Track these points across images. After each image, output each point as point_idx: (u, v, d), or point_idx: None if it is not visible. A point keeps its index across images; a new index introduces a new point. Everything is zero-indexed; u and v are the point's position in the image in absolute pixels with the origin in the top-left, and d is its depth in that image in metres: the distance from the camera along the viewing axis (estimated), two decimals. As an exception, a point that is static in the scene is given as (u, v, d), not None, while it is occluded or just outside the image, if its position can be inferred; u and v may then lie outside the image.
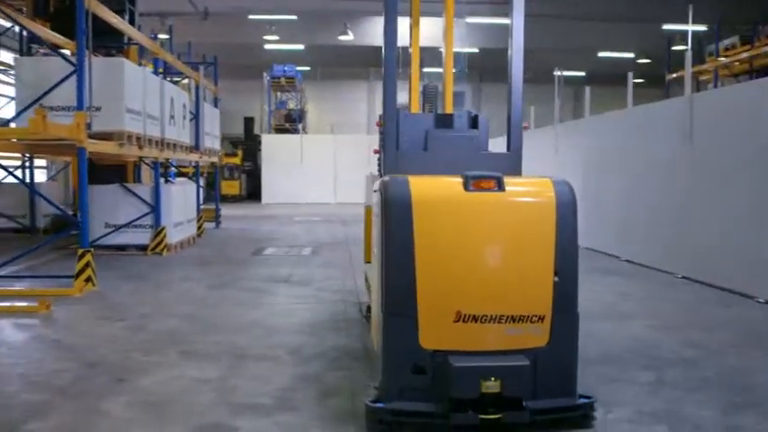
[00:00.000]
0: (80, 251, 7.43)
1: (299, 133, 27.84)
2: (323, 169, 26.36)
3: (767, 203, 6.98)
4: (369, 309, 5.53)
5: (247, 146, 29.41)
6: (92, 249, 7.56)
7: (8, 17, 8.09)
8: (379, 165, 5.15)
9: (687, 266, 8.42)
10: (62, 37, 9.67)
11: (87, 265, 7.39)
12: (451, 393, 3.42)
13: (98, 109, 8.24)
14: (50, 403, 3.96)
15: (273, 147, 26.91)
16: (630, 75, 10.20)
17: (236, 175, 27.72)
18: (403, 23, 4.89)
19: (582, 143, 11.83)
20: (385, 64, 4.46)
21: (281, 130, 29.66)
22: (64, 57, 7.82)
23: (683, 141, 8.50)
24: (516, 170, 4.46)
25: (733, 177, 7.60)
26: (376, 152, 5.24)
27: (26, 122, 7.64)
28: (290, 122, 29.70)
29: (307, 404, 3.95)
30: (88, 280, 7.41)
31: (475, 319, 3.54)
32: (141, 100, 9.42)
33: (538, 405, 3.54)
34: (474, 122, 4.77)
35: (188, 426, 3.61)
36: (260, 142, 28.79)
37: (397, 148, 4.55)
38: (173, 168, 17.00)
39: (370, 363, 4.69)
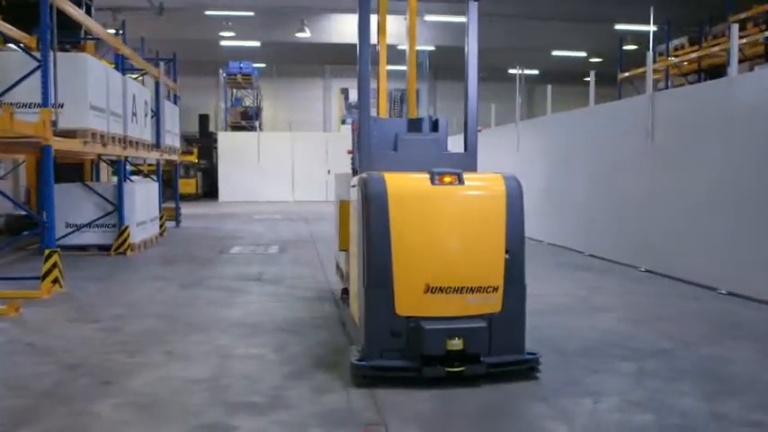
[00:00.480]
0: (47, 252, 7.23)
1: (255, 131, 27.56)
2: (280, 167, 26.17)
3: (726, 199, 7.24)
4: (344, 291, 6.11)
5: (202, 144, 28.99)
6: (58, 250, 7.37)
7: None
8: (353, 164, 5.68)
9: (650, 260, 8.67)
10: (19, 31, 9.35)
11: (54, 265, 7.20)
12: (423, 351, 4.10)
13: (61, 106, 8.03)
14: (37, 408, 3.85)
15: (230, 144, 26.56)
16: (593, 74, 10.43)
17: (192, 173, 27.30)
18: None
19: (544, 141, 12.05)
20: (359, 78, 5.05)
21: (237, 127, 29.31)
22: (28, 52, 7.57)
23: (645, 139, 8.75)
24: (473, 167, 5.09)
25: (692, 174, 7.86)
26: (349, 152, 5.86)
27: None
28: (247, 120, 29.38)
29: (301, 402, 3.94)
30: (55, 281, 7.22)
31: (441, 290, 4.22)
32: (105, 97, 9.20)
33: (493, 360, 4.24)
34: (435, 125, 5.44)
35: (186, 426, 3.57)
36: (215, 140, 28.43)
37: (351, 151, 5.28)
38: (128, 166, 16.64)
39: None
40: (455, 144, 5.46)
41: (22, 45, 10.42)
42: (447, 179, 4.33)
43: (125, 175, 14.45)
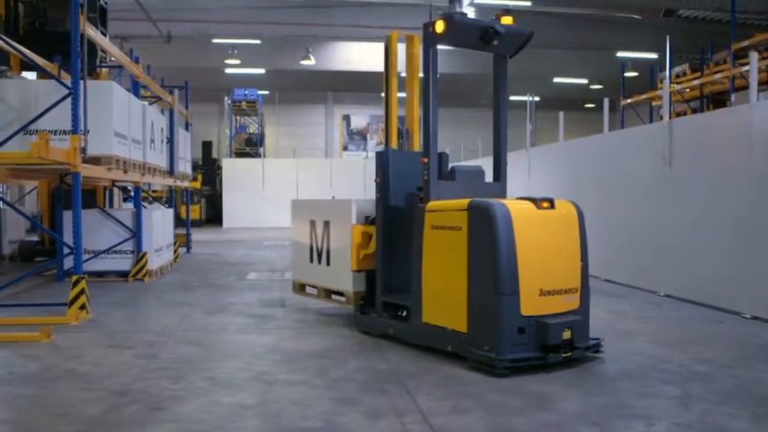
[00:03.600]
0: (74, 278, 7.24)
1: (260, 157, 27.70)
2: (285, 193, 26.17)
3: (748, 223, 7.32)
4: (359, 309, 6.62)
5: (206, 170, 29.11)
6: (86, 276, 7.38)
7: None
8: (380, 192, 6.32)
9: (669, 285, 8.72)
10: (43, 59, 9.46)
11: (82, 292, 7.20)
12: (547, 342, 5.05)
13: (87, 133, 8.10)
14: (93, 434, 3.86)
15: (235, 171, 26.68)
16: (606, 101, 10.58)
17: (196, 199, 27.37)
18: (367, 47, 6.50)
19: (557, 167, 12.16)
20: (427, 116, 5.81)
21: (241, 154, 29.48)
22: (58, 80, 7.66)
23: (663, 165, 8.85)
24: (504, 195, 6.08)
25: (713, 199, 7.94)
26: (377, 181, 6.35)
27: (12, 146, 7.52)
28: (251, 146, 29.55)
29: (356, 427, 3.95)
30: (82, 308, 7.22)
31: (549, 293, 5.21)
32: (127, 124, 9.29)
33: (582, 344, 5.33)
34: (440, 158, 6.30)
35: (248, 452, 3.58)
36: (218, 167, 28.53)
37: (387, 179, 6.15)
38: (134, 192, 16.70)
39: (403, 386, 4.75)
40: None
41: (31, 73, 10.56)
42: (545, 204, 5.35)
43: (135, 201, 14.46)
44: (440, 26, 5.61)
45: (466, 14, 5.88)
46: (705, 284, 8.05)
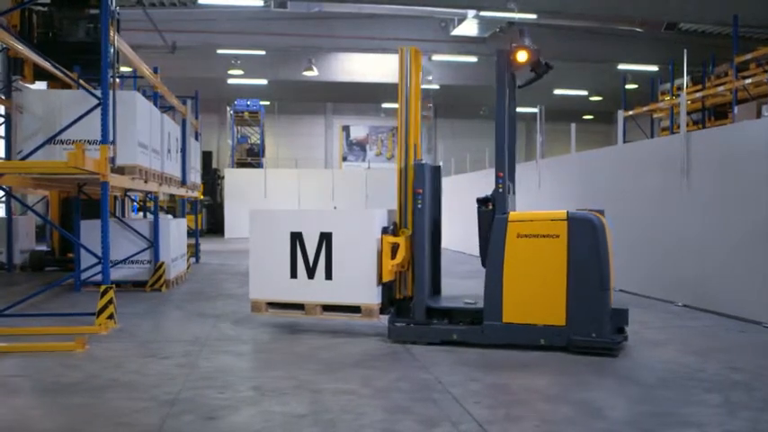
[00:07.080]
0: (102, 288, 7.26)
1: (262, 167, 27.74)
2: (287, 204, 26.23)
3: (765, 233, 7.45)
4: (391, 321, 6.70)
5: (206, 180, 29.09)
6: (113, 286, 7.40)
7: (28, 49, 7.93)
8: (421, 202, 6.51)
9: (687, 295, 8.82)
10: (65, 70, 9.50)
11: (110, 301, 7.22)
12: (625, 326, 6.29)
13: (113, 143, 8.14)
14: (156, 443, 3.89)
15: (237, 181, 26.71)
16: (620, 113, 10.71)
17: (198, 209, 27.36)
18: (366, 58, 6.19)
19: (568, 179, 12.26)
20: (499, 133, 6.39)
21: (242, 164, 29.51)
22: (89, 90, 7.70)
23: (679, 177, 8.96)
24: (515, 207, 6.78)
25: (731, 210, 8.04)
26: (418, 192, 6.53)
27: (37, 156, 7.55)
28: (253, 157, 29.60)
29: (416, 435, 4.00)
30: (110, 317, 7.23)
31: (614, 288, 6.25)
32: (148, 134, 9.33)
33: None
34: (437, 171, 7.07)
35: (317, 460, 3.62)
36: (219, 177, 28.51)
37: (422, 190, 6.44)
38: (135, 203, 16.71)
39: (450, 394, 4.80)
40: (459, 182, 6.52)
41: (42, 82, 10.56)
42: (602, 216, 6.25)
43: (145, 211, 14.49)
44: (523, 56, 6.35)
45: (533, 45, 6.47)
46: (723, 295, 8.14)
